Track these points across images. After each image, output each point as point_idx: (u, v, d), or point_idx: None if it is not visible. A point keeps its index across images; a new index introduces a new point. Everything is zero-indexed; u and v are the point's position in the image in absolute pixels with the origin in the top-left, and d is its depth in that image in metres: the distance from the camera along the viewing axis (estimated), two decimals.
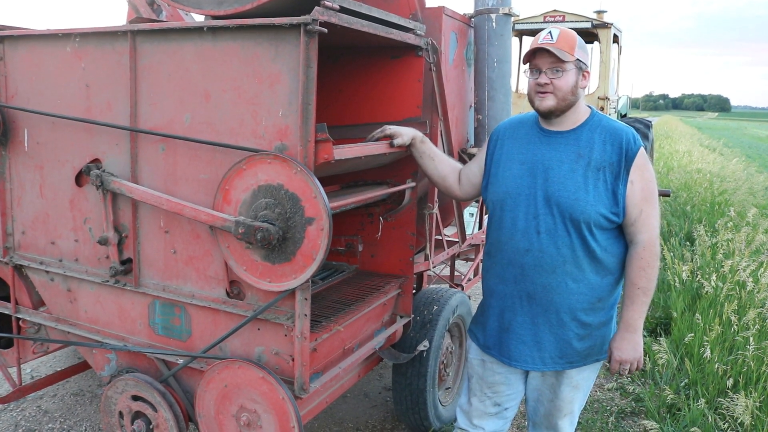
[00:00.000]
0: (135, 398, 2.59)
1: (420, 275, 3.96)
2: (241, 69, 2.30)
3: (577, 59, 2.27)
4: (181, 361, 2.57)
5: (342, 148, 2.39)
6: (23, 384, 3.34)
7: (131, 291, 2.69)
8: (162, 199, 2.43)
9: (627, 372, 2.33)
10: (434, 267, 3.92)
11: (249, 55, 2.28)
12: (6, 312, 3.15)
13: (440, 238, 4.00)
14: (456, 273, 5.14)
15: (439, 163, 2.76)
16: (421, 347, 3.40)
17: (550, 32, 2.28)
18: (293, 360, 2.34)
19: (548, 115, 2.33)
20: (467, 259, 5.67)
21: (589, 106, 2.39)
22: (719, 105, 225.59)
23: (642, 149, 2.28)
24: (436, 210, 3.50)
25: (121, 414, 2.65)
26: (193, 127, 2.43)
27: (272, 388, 2.30)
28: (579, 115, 2.35)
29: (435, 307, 3.62)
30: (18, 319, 3.14)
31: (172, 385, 2.64)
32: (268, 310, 2.36)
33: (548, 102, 2.29)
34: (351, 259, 3.45)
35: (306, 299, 2.28)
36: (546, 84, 2.28)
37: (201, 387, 2.47)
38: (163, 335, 2.67)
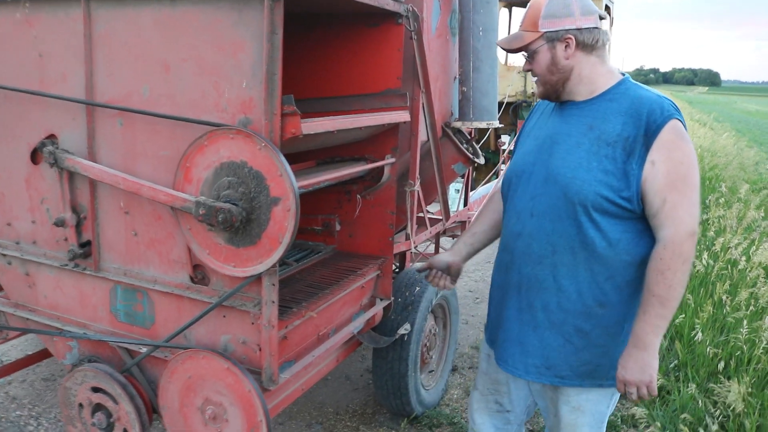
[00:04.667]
0: (95, 390, 2.44)
1: (402, 255, 3.82)
2: (202, 36, 2.12)
3: (545, 32, 2.01)
4: (144, 350, 2.42)
5: (311, 121, 2.22)
6: None
7: (91, 275, 2.53)
8: (118, 178, 2.26)
9: (634, 396, 1.97)
10: (417, 246, 3.77)
11: (210, 21, 2.09)
12: None
13: (423, 216, 3.85)
14: (441, 250, 4.99)
15: (484, 225, 2.44)
16: (402, 330, 3.27)
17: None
18: (260, 349, 2.20)
19: (548, 99, 2.15)
20: (453, 236, 5.52)
21: (622, 73, 2.09)
22: (709, 79, 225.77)
23: (673, 123, 1.89)
24: (417, 187, 3.35)
25: (81, 406, 2.51)
26: (152, 100, 2.25)
27: (238, 380, 2.16)
28: (596, 84, 2.03)
29: (417, 288, 3.48)
30: None
31: (135, 374, 2.49)
32: (233, 297, 2.21)
33: (538, 89, 2.12)
34: (328, 239, 3.29)
35: (273, 285, 2.13)
36: (530, 71, 2.12)
37: (164, 378, 2.33)
38: (126, 322, 2.51)
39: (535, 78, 2.11)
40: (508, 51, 2.14)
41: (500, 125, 4.03)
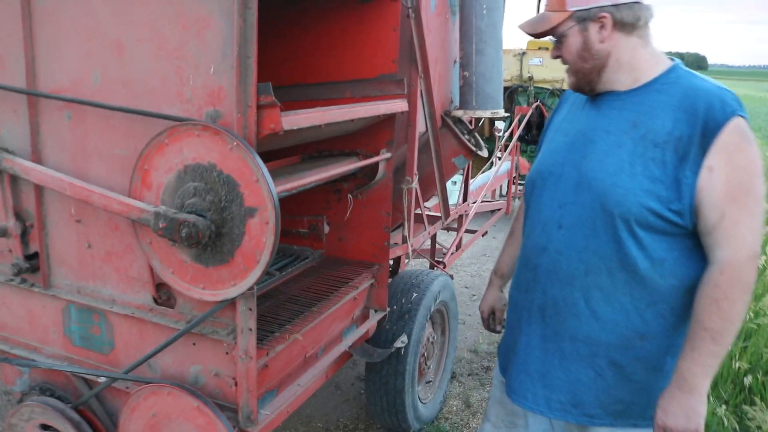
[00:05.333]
0: (44, 427, 2.10)
1: (397, 257, 3.48)
2: (161, 11, 1.75)
3: (574, 11, 1.68)
4: (102, 379, 2.08)
5: (294, 114, 1.86)
6: None
7: (41, 293, 2.17)
8: (64, 183, 1.90)
9: None
10: (414, 249, 3.44)
11: None
12: None
13: (420, 212, 3.52)
14: (437, 246, 4.67)
15: (517, 239, 2.13)
16: (398, 344, 2.94)
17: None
18: (236, 384, 1.86)
19: (581, 91, 1.81)
20: (449, 229, 5.19)
21: (671, 58, 1.75)
22: (696, 63, 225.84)
23: (737, 122, 1.56)
24: (415, 184, 3.00)
25: None
26: (104, 89, 1.89)
27: (210, 422, 1.82)
28: (639, 71, 1.69)
29: (414, 295, 3.16)
30: None
31: (94, 407, 2.14)
32: (204, 323, 1.87)
33: (569, 80, 1.78)
34: (315, 244, 2.95)
35: (250, 310, 1.79)
36: (559, 57, 1.78)
37: (124, 415, 1.99)
38: (82, 346, 2.17)
39: (566, 66, 1.77)
40: (533, 36, 1.79)
41: (506, 115, 3.68)
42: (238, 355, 1.82)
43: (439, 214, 3.73)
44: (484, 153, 3.44)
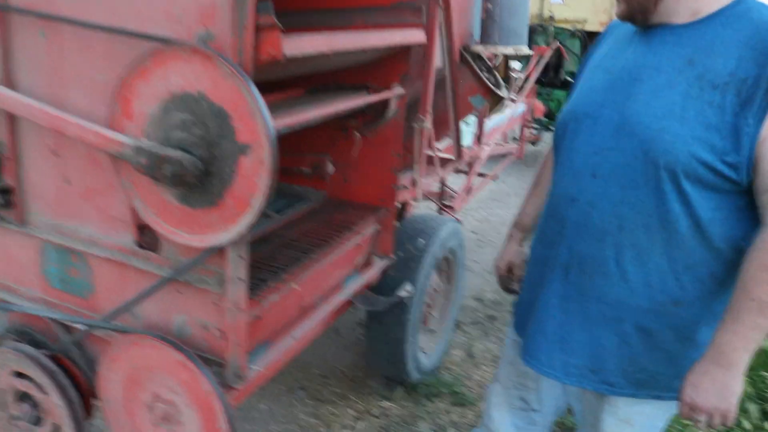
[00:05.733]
0: (19, 375, 1.95)
1: (404, 202, 3.29)
2: None
3: None
4: (81, 327, 1.92)
5: (298, 39, 1.63)
6: None
7: (17, 230, 1.99)
8: (35, 110, 1.69)
9: (702, 425, 1.50)
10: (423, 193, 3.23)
11: None
12: None
13: (430, 154, 3.29)
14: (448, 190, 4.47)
15: (542, 189, 1.92)
16: (402, 293, 2.77)
17: None
18: (225, 338, 1.70)
19: (633, 21, 1.56)
20: (459, 172, 4.97)
21: None
22: None
23: None
24: (429, 124, 2.77)
25: (3, 391, 2.02)
26: (82, 3, 1.65)
27: (194, 378, 1.67)
28: (701, 2, 1.44)
29: (421, 241, 2.97)
30: None
31: (72, 355, 1.99)
32: (191, 270, 1.69)
33: (619, 7, 1.54)
34: (318, 184, 2.75)
35: (241, 258, 1.61)
36: None
37: (104, 365, 1.83)
38: (60, 289, 2.00)
39: None
40: None
41: (530, 52, 3.41)
42: (226, 306, 1.65)
43: (450, 156, 3.51)
44: (504, 92, 3.20)
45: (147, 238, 1.77)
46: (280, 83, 2.25)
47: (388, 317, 2.92)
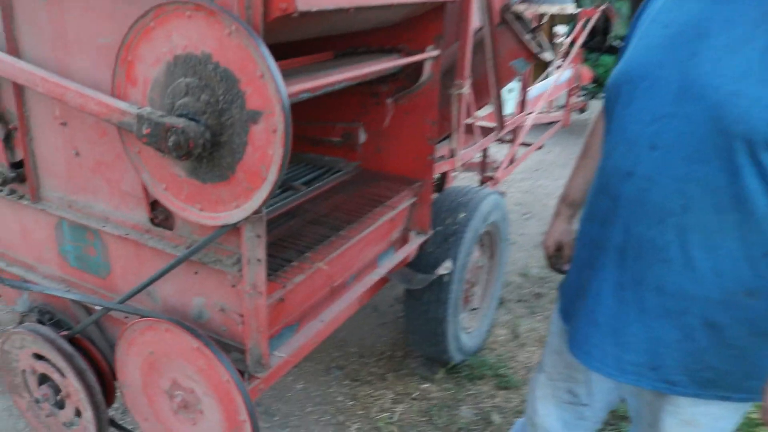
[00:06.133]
0: (38, 357, 1.87)
1: (443, 173, 3.11)
2: None
3: None
4: (98, 307, 1.82)
5: None
6: None
7: (32, 207, 1.90)
8: (35, 77, 1.57)
9: None
10: (463, 164, 3.05)
11: None
12: None
13: (470, 122, 3.10)
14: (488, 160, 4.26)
15: (592, 159, 1.73)
16: (441, 270, 2.61)
17: None
18: (244, 323, 1.57)
19: None
20: (502, 141, 4.74)
21: None
22: None
23: None
24: (467, 89, 2.58)
25: (25, 372, 1.95)
26: None
27: (211, 365, 1.55)
28: None
29: (461, 215, 2.80)
30: None
31: (93, 336, 1.90)
32: (206, 249, 1.56)
33: None
34: (350, 154, 2.59)
35: (258, 237, 1.46)
36: None
37: (121, 349, 1.73)
38: (77, 268, 1.90)
39: None
40: None
41: (577, 10, 3.16)
42: (245, 290, 1.51)
43: (492, 125, 3.31)
44: (549, 56, 2.96)
45: (160, 214, 1.65)
46: (305, 46, 2.10)
47: (427, 295, 2.77)
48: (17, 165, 1.87)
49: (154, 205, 1.63)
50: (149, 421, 1.80)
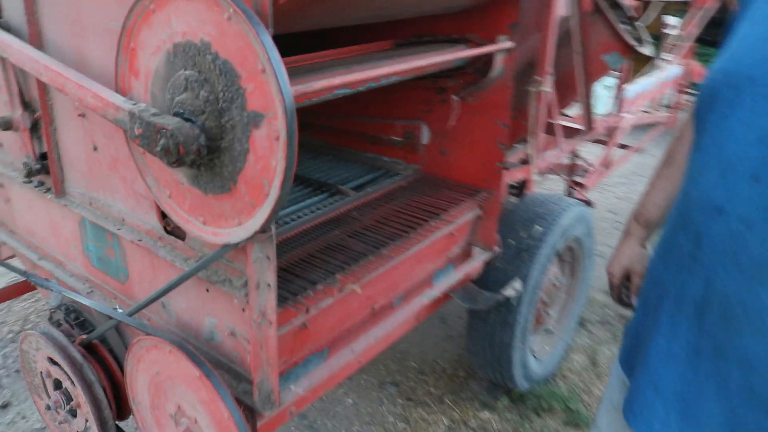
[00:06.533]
0: (52, 361, 1.74)
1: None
2: None
3: None
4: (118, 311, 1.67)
5: None
6: None
7: (57, 202, 1.77)
8: (39, 65, 1.41)
9: None
10: (539, 172, 2.73)
11: None
12: None
13: (554, 123, 2.76)
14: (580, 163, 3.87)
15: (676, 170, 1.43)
16: (509, 291, 2.33)
17: None
18: (254, 354, 1.36)
19: None
20: (598, 142, 4.31)
21: None
22: None
23: None
24: (548, 87, 2.26)
25: (42, 374, 1.84)
26: None
27: (213, 399, 1.35)
28: None
29: (538, 228, 2.49)
30: None
31: (111, 343, 1.76)
32: (215, 265, 1.37)
33: None
34: (411, 156, 2.34)
35: (268, 260, 1.25)
36: None
37: (130, 365, 1.57)
38: (100, 269, 1.77)
39: None
40: None
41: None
42: (252, 318, 1.31)
43: (580, 126, 2.95)
44: (648, 50, 2.58)
45: (171, 222, 1.46)
46: (365, 35, 1.86)
47: (493, 317, 2.49)
48: (44, 156, 1.75)
49: (163, 211, 1.45)
50: None
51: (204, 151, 1.12)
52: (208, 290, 1.44)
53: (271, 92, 1.03)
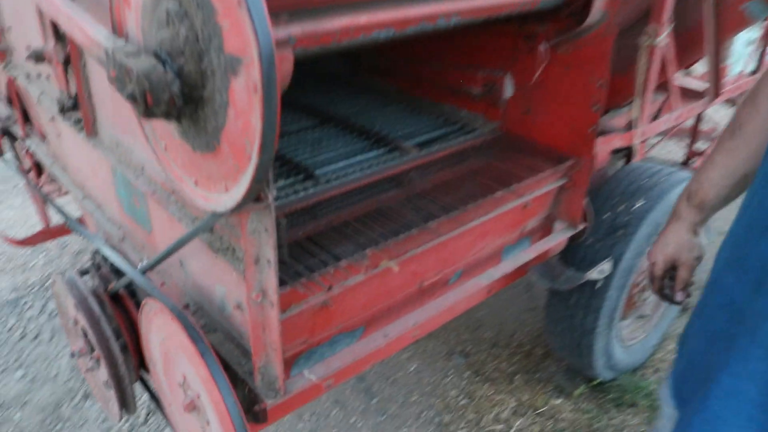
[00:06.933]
0: (77, 308, 1.66)
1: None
2: None
3: None
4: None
5: None
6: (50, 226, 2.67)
7: (92, 143, 1.66)
8: None
9: None
10: (647, 140, 2.33)
11: None
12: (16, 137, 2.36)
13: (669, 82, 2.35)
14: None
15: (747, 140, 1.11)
16: (594, 274, 2.02)
17: None
18: (251, 336, 1.19)
19: None
20: (731, 103, 3.75)
21: None
22: None
23: None
24: (665, 39, 1.88)
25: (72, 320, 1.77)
26: None
27: (212, 384, 1.19)
28: None
29: (640, 202, 2.14)
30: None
31: (139, 294, 1.65)
32: (218, 231, 1.19)
33: None
34: (491, 111, 2.04)
35: (266, 232, 1.05)
36: None
37: (144, 325, 1.45)
38: (130, 216, 1.65)
39: None
40: None
41: None
42: (249, 298, 1.12)
43: (705, 87, 2.51)
44: None
45: None
46: None
47: (575, 298, 2.21)
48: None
49: None
50: (171, 407, 1.52)
51: (179, 101, 0.92)
52: (216, 256, 1.27)
53: (246, 31, 0.80)
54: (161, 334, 1.37)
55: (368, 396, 2.47)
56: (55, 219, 2.83)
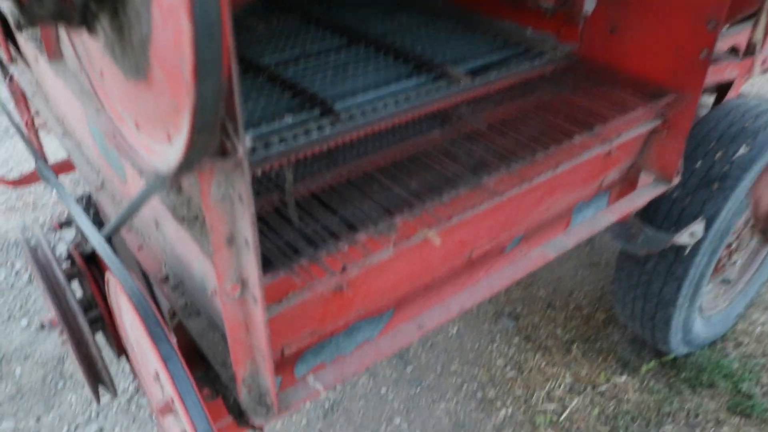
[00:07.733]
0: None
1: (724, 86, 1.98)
2: None
3: None
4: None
5: None
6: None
7: (52, 65, 1.32)
8: None
9: None
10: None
11: None
12: None
13: None
14: None
15: None
16: (684, 238, 1.63)
17: None
18: (228, 339, 0.85)
19: None
20: None
21: None
22: None
23: None
24: None
25: None
26: None
27: (179, 400, 0.88)
28: None
29: (743, 149, 1.73)
30: None
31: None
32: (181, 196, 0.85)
33: None
34: (565, 31, 1.61)
35: (240, 201, 0.70)
36: None
37: (113, 299, 1.14)
38: (105, 159, 1.32)
39: None
40: None
41: None
42: (221, 289, 0.79)
43: None
44: None
45: None
46: None
47: (654, 263, 1.83)
48: None
49: None
50: (147, 394, 1.23)
51: (88, 11, 0.56)
52: (186, 226, 0.93)
53: None
54: (128, 317, 1.05)
55: (402, 362, 2.16)
56: (59, 155, 2.54)
